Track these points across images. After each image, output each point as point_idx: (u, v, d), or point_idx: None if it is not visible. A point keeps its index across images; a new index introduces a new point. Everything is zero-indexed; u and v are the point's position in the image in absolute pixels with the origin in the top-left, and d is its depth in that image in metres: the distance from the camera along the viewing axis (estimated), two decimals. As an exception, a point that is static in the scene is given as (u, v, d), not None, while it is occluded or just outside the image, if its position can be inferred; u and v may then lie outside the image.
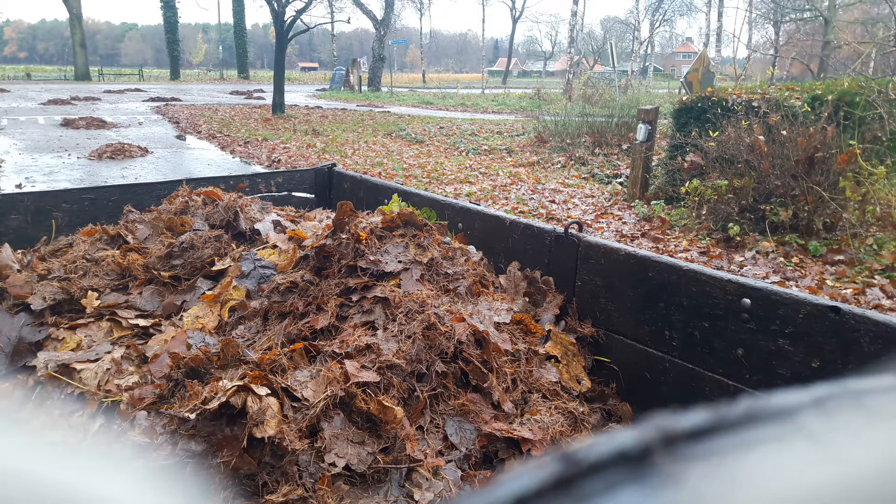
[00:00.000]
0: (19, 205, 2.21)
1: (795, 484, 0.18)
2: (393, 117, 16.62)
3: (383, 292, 1.54)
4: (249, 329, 1.65)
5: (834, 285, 3.87)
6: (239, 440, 1.16)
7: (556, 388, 1.50)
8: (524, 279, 1.80)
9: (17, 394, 1.45)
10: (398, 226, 1.78)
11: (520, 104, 21.30)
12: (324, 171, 2.90)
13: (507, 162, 9.24)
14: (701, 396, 1.41)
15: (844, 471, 0.18)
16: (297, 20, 15.66)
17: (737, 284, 1.31)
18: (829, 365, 1.18)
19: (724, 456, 0.19)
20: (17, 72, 50.47)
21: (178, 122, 14.85)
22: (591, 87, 12.98)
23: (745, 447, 0.19)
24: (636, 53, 39.51)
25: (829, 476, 0.18)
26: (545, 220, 5.67)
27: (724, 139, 5.05)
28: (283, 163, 9.01)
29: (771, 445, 0.19)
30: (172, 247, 1.96)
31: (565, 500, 0.17)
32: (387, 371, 1.34)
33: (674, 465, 0.18)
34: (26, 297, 1.75)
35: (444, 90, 36.02)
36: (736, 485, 0.18)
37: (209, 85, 37.35)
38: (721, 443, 0.19)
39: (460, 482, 1.25)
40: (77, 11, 36.25)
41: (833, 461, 0.18)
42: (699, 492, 0.17)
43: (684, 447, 0.19)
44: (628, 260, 1.54)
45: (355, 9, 29.51)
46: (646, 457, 0.18)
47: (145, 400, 1.33)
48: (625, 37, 57.31)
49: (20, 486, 0.22)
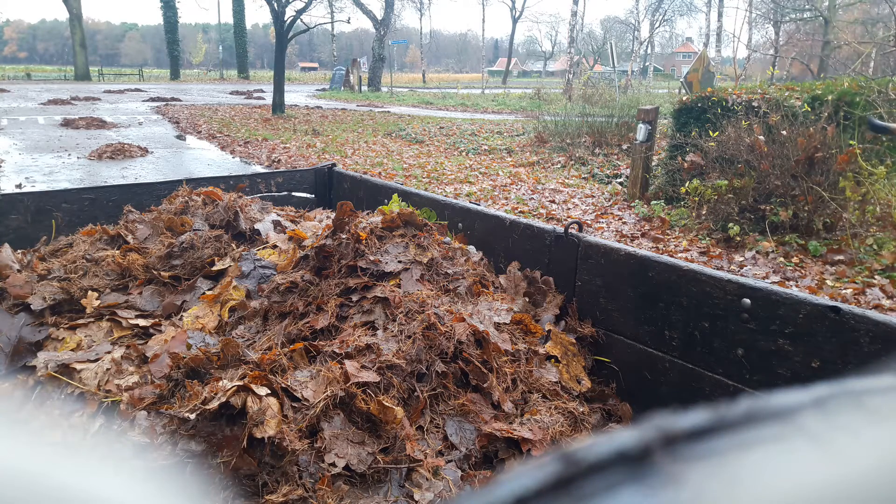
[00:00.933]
0: (19, 205, 2.21)
1: (795, 484, 0.18)
2: (393, 117, 16.62)
3: (383, 292, 1.54)
4: (249, 329, 1.65)
5: (834, 285, 3.87)
6: (239, 440, 1.16)
7: (556, 388, 1.50)
8: (524, 279, 1.80)
9: (17, 394, 1.45)
10: (398, 226, 1.78)
11: (520, 104, 21.30)
12: (324, 171, 2.90)
13: (507, 162, 9.24)
14: (701, 396, 1.41)
15: (844, 471, 0.18)
16: (297, 20, 15.66)
17: (737, 284, 1.31)
18: (829, 365, 1.18)
19: (724, 456, 0.19)
20: (17, 72, 50.46)
21: (178, 122, 14.85)
22: (591, 87, 12.97)
23: (745, 447, 0.19)
24: (636, 53, 39.51)
25: (829, 476, 0.18)
26: (545, 220, 5.67)
27: (724, 139, 5.05)
28: (283, 163, 9.01)
29: (771, 445, 0.19)
30: (172, 247, 1.96)
31: (565, 500, 0.17)
32: (387, 371, 1.34)
33: (674, 465, 0.18)
34: (26, 297, 1.75)
35: (444, 90, 36.02)
36: (736, 485, 0.18)
37: (209, 85, 37.34)
38: (721, 443, 0.19)
39: (460, 482, 1.25)
40: (77, 11, 36.25)
41: (833, 461, 0.18)
42: (699, 492, 0.17)
43: (684, 447, 0.19)
44: (628, 260, 1.54)
45: (355, 9, 29.52)
46: (646, 457, 0.18)
47: (145, 400, 1.33)
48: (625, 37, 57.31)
49: (20, 487, 0.22)
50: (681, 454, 0.19)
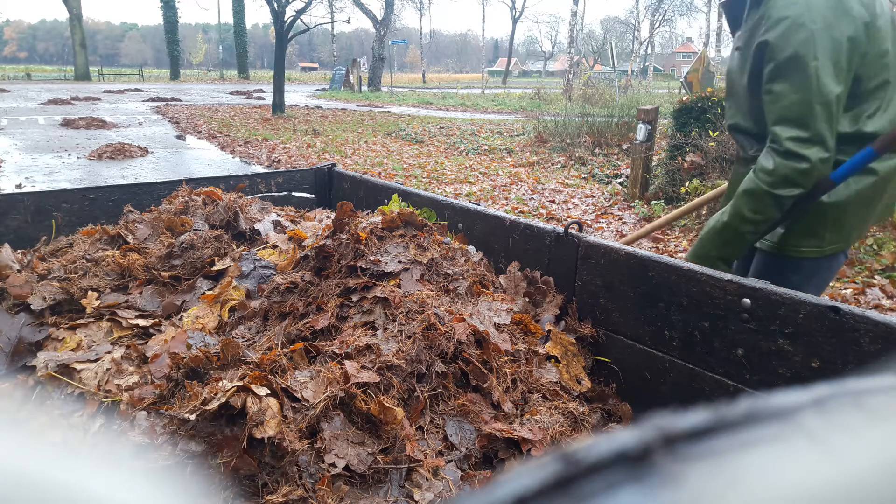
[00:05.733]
0: (19, 205, 2.21)
1: (795, 484, 0.18)
2: (393, 117, 16.62)
3: (383, 292, 1.54)
4: (249, 329, 1.65)
5: (834, 285, 3.87)
6: (239, 441, 1.16)
7: (556, 388, 1.50)
8: (524, 279, 1.80)
9: (17, 394, 1.45)
10: (398, 226, 1.78)
11: (520, 104, 21.31)
12: (324, 171, 2.90)
13: (507, 162, 9.24)
14: (701, 396, 1.41)
15: (844, 471, 0.18)
16: (297, 20, 15.66)
17: (737, 284, 1.31)
18: (829, 365, 1.18)
19: (724, 456, 0.19)
20: (17, 72, 50.47)
21: (178, 122, 14.85)
22: (590, 87, 12.98)
23: (745, 447, 0.19)
24: (636, 53, 39.52)
25: (829, 476, 0.18)
26: (545, 220, 5.67)
27: (724, 139, 5.05)
28: (283, 163, 9.01)
29: (771, 445, 0.19)
30: (172, 247, 1.96)
31: (565, 500, 0.17)
32: (387, 371, 1.34)
33: (674, 465, 0.18)
34: (26, 297, 1.75)
35: (443, 90, 36.02)
36: (736, 485, 0.18)
37: (209, 85, 37.35)
38: (721, 443, 0.19)
39: (460, 482, 1.25)
40: (77, 11, 36.26)
41: (833, 461, 0.18)
42: (699, 492, 0.17)
43: (684, 447, 0.19)
44: (628, 260, 1.54)
45: (355, 9, 29.53)
46: (646, 457, 0.18)
47: (145, 400, 1.33)
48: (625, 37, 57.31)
49: (20, 487, 0.22)
50: (681, 454, 0.19)
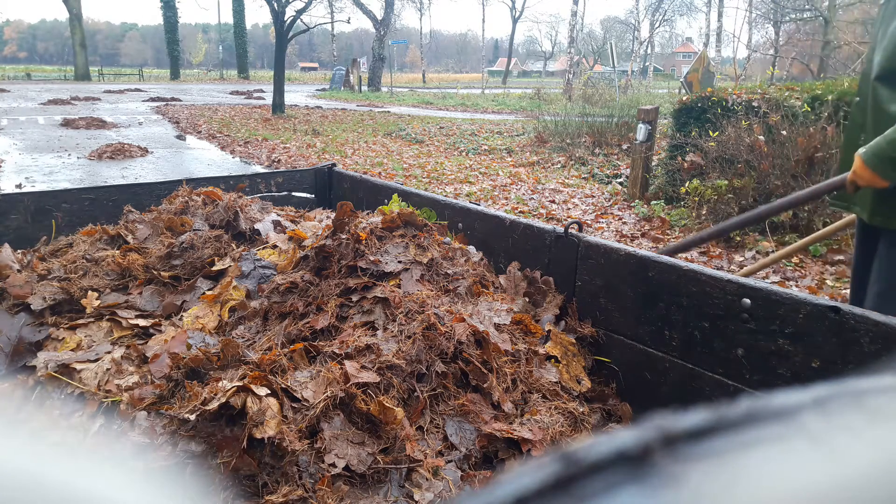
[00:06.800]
0: (19, 205, 2.21)
1: (796, 484, 0.18)
2: (393, 117, 16.62)
3: (383, 292, 1.54)
4: (249, 329, 1.65)
5: (834, 285, 3.87)
6: (239, 441, 1.16)
7: (556, 388, 1.50)
8: (524, 279, 1.80)
9: (17, 394, 1.45)
10: (398, 226, 1.78)
11: (520, 104, 21.31)
12: (324, 171, 2.90)
13: (507, 162, 9.24)
14: (701, 396, 1.41)
15: (845, 471, 0.18)
16: (297, 20, 15.66)
17: (737, 284, 1.31)
18: (829, 365, 1.18)
19: (724, 456, 0.19)
20: (17, 72, 50.48)
21: (178, 122, 14.85)
22: (590, 87, 12.98)
23: (745, 447, 0.19)
24: (636, 53, 39.52)
25: (829, 476, 0.18)
26: (545, 220, 5.67)
27: (724, 139, 5.05)
28: (283, 163, 9.01)
29: (771, 445, 0.19)
30: (172, 247, 1.96)
31: (565, 500, 0.17)
32: (387, 371, 1.34)
33: (674, 465, 0.18)
34: (26, 297, 1.75)
35: (443, 90, 36.02)
36: (736, 485, 0.18)
37: (209, 85, 37.35)
38: (721, 443, 0.19)
39: (460, 482, 1.25)
40: (77, 11, 36.26)
41: (833, 461, 0.18)
42: (699, 492, 0.17)
43: (684, 447, 0.19)
44: (628, 260, 1.54)
45: (355, 9, 29.52)
46: (646, 457, 0.18)
47: (145, 400, 1.33)
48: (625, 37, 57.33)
49: (20, 487, 0.22)
50: (681, 454, 0.19)
